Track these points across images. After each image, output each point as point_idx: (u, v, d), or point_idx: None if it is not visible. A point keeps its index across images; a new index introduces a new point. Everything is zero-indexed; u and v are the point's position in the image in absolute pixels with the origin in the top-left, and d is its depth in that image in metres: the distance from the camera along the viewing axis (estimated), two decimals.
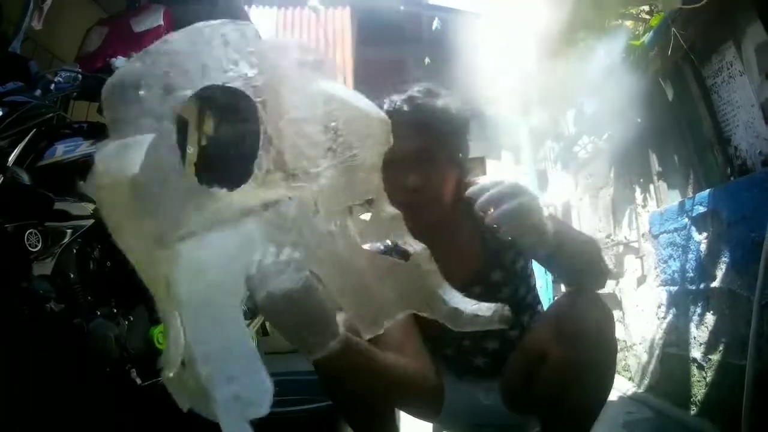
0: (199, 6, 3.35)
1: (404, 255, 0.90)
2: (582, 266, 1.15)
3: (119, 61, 2.00)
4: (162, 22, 2.48)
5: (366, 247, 0.92)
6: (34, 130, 1.53)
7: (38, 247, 1.42)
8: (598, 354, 1.10)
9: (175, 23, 2.64)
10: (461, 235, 1.34)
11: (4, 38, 1.83)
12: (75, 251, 1.67)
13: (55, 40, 2.69)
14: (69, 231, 1.58)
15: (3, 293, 1.35)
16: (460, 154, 1.33)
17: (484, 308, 0.87)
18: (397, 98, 1.30)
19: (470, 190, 0.98)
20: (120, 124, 0.80)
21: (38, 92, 1.68)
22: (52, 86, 1.79)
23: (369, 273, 0.88)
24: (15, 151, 1.45)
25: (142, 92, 0.79)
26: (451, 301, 0.87)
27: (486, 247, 1.33)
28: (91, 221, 1.67)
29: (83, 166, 1.67)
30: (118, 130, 0.79)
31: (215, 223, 0.84)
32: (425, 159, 1.24)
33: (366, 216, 0.94)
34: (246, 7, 4.78)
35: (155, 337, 1.70)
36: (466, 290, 1.30)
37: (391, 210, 0.89)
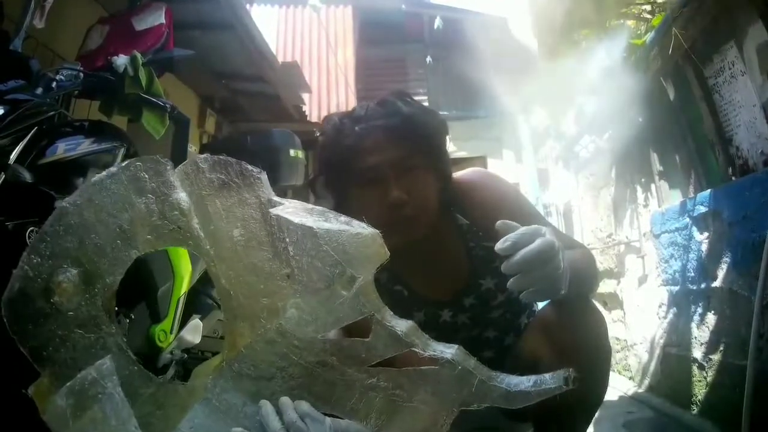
0: (202, 4, 3.35)
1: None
2: (577, 288, 1.04)
3: (120, 60, 2.00)
4: (163, 21, 2.47)
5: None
6: (36, 128, 1.52)
7: None
8: (590, 360, 1.08)
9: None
10: (447, 246, 1.27)
11: (6, 36, 1.83)
12: None
13: (57, 38, 2.69)
14: None
15: (4, 291, 1.35)
16: (441, 159, 1.21)
17: (548, 379, 0.73)
18: (366, 107, 1.19)
19: (499, 244, 0.85)
20: (45, 352, 0.61)
21: (39, 90, 1.67)
22: (54, 84, 1.79)
23: (394, 390, 0.77)
24: (16, 149, 1.44)
25: (55, 298, 0.62)
26: (507, 385, 0.74)
27: (474, 255, 1.27)
28: None
29: (84, 164, 1.67)
30: (48, 359, 0.61)
31: (190, 406, 0.72)
32: (406, 169, 1.12)
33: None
34: (247, 6, 4.78)
35: (156, 336, 1.70)
36: (459, 302, 1.28)
37: (402, 323, 0.76)
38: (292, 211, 0.75)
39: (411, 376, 0.76)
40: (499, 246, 0.85)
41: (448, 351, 0.75)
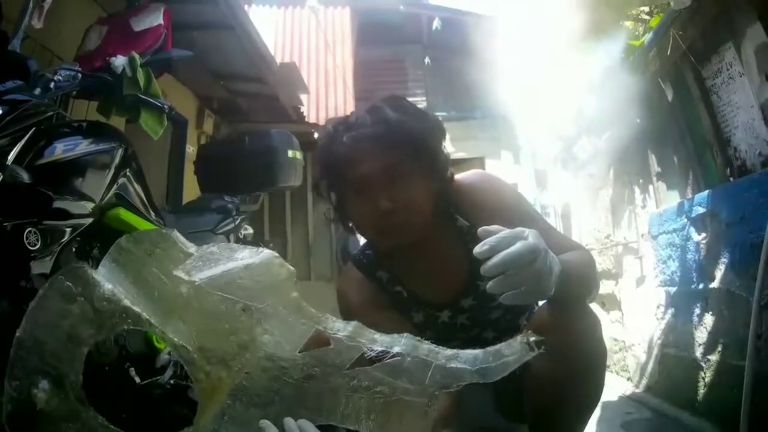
0: (200, 5, 3.35)
1: None
2: (571, 288, 1.03)
3: (118, 60, 2.00)
4: (162, 21, 2.47)
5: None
6: (34, 128, 1.52)
7: (37, 246, 1.41)
8: (584, 364, 1.08)
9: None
10: (447, 247, 1.26)
11: (4, 37, 1.82)
12: (74, 250, 1.67)
13: (55, 38, 2.69)
14: (68, 230, 1.57)
15: (2, 292, 1.35)
16: (435, 163, 1.20)
17: (504, 348, 0.78)
18: (356, 114, 1.19)
19: (477, 248, 0.86)
20: None
21: (38, 91, 1.67)
22: (52, 85, 1.79)
23: (376, 387, 0.80)
24: (14, 149, 1.44)
25: (38, 407, 0.75)
26: (467, 363, 0.78)
27: (473, 257, 1.28)
28: (91, 220, 1.67)
29: (83, 164, 1.67)
30: None
31: None
32: (394, 177, 1.13)
33: None
34: (246, 7, 4.78)
35: (154, 337, 1.69)
36: (458, 304, 1.28)
37: (344, 326, 0.82)
38: (193, 265, 0.83)
39: (387, 369, 0.79)
40: (477, 250, 0.85)
41: (396, 344, 0.79)
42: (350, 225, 1.27)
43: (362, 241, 1.39)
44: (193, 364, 0.80)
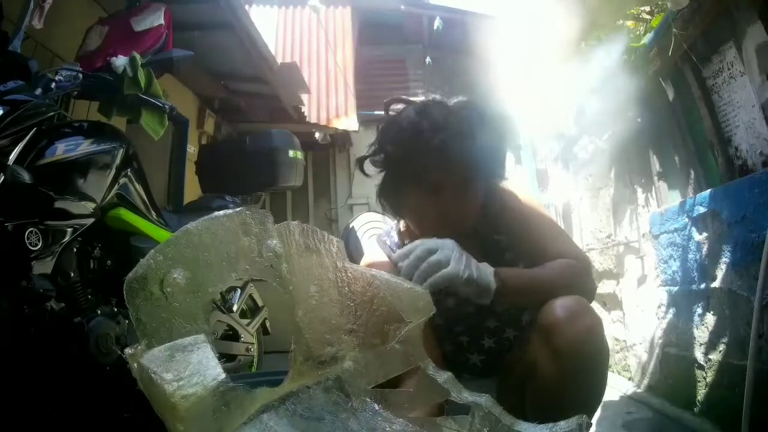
0: (201, 5, 3.35)
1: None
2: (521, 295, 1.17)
3: (119, 60, 2.00)
4: (163, 21, 2.47)
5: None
6: (35, 128, 1.52)
7: (38, 246, 1.42)
8: (585, 365, 1.07)
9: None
10: (481, 245, 1.31)
11: (5, 37, 1.83)
12: (75, 250, 1.67)
13: (56, 39, 2.69)
14: (69, 230, 1.58)
15: (3, 292, 1.35)
16: (499, 177, 1.29)
17: (563, 425, 0.83)
18: (418, 117, 1.23)
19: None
20: (148, 326, 0.76)
21: (39, 91, 1.67)
22: (53, 85, 1.79)
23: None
24: (15, 149, 1.44)
25: (168, 289, 0.76)
26: (528, 429, 0.83)
27: (485, 246, 1.32)
28: (92, 220, 1.67)
29: (84, 164, 1.67)
30: (149, 333, 0.76)
31: (249, 412, 0.81)
32: (464, 189, 1.21)
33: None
34: (246, 7, 4.78)
35: None
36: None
37: (442, 374, 0.89)
38: (361, 269, 0.93)
39: (445, 423, 0.87)
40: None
41: (479, 399, 0.86)
42: (397, 209, 1.34)
43: (362, 240, 1.42)
44: (299, 343, 0.88)
